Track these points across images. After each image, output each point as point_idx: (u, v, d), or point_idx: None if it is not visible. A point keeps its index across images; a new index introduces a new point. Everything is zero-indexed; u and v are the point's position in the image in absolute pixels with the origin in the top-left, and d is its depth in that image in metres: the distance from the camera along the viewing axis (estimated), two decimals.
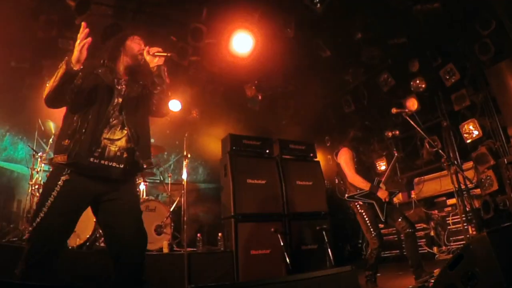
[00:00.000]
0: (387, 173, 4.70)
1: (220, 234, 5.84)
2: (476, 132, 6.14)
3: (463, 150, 6.42)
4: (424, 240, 6.39)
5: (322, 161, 7.01)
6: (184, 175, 5.40)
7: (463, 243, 4.90)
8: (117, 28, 5.55)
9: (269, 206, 5.84)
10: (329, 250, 5.28)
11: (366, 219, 4.34)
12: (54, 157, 2.45)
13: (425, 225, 6.48)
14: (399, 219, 4.32)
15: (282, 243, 5.11)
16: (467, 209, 5.44)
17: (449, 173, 5.12)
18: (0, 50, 5.80)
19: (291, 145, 6.64)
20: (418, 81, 6.87)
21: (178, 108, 7.16)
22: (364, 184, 4.42)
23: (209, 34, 5.92)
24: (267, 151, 6.36)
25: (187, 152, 5.48)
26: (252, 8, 5.79)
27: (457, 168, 4.68)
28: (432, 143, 5.11)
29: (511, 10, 5.40)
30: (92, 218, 4.36)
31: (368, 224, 4.31)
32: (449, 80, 6.43)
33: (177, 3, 5.73)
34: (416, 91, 6.91)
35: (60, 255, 2.38)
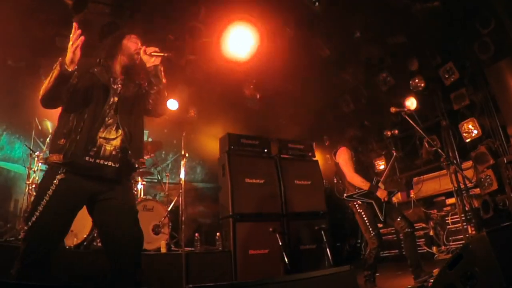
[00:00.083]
0: (386, 173, 4.69)
1: (218, 234, 5.83)
2: (475, 131, 6.14)
3: (463, 150, 6.42)
4: (423, 239, 6.38)
5: (320, 160, 6.99)
6: (182, 175, 5.39)
7: (463, 243, 4.90)
8: (114, 27, 5.54)
9: (268, 205, 5.82)
10: (328, 250, 5.28)
11: (365, 218, 4.34)
12: (50, 157, 2.44)
13: (424, 225, 6.46)
14: (398, 219, 4.31)
15: (280, 243, 5.09)
16: (466, 209, 5.44)
17: (448, 172, 5.13)
18: None
19: (290, 144, 6.62)
20: (417, 80, 6.87)
21: (175, 107, 7.14)
22: (363, 183, 4.41)
23: (206, 33, 5.90)
24: (265, 150, 6.33)
25: (185, 152, 5.46)
26: (251, 7, 5.77)
27: (457, 168, 4.67)
28: (431, 142, 5.09)
29: (511, 8, 5.39)
30: (90, 217, 4.34)
31: (367, 224, 4.31)
32: (449, 79, 6.44)
33: (174, 2, 5.70)
34: (415, 90, 6.90)
35: (56, 254, 2.37)
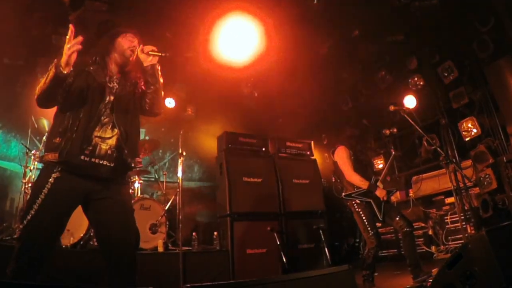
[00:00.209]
0: (384, 172, 4.66)
1: (215, 233, 5.82)
2: (474, 130, 6.11)
3: (462, 148, 6.39)
4: (422, 239, 6.34)
5: (318, 159, 6.97)
6: (180, 173, 5.37)
7: (462, 242, 4.87)
8: (111, 25, 5.50)
9: (265, 204, 5.80)
10: (326, 249, 5.28)
11: (363, 218, 4.32)
12: (45, 155, 2.43)
13: (423, 224, 6.43)
14: (396, 218, 4.28)
15: (278, 242, 5.09)
16: (465, 208, 5.41)
17: (447, 171, 5.09)
18: None
19: (288, 143, 6.60)
20: (416, 79, 6.84)
21: (172, 105, 7.12)
22: (362, 182, 4.39)
23: (203, 31, 5.86)
24: (263, 149, 6.32)
25: (183, 150, 5.44)
26: (249, 4, 5.73)
27: (456, 167, 4.64)
28: (430, 141, 5.08)
29: (510, 6, 5.36)
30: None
31: (366, 223, 4.29)
32: (448, 78, 6.41)
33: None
34: (414, 88, 6.88)
35: (52, 253, 2.36)
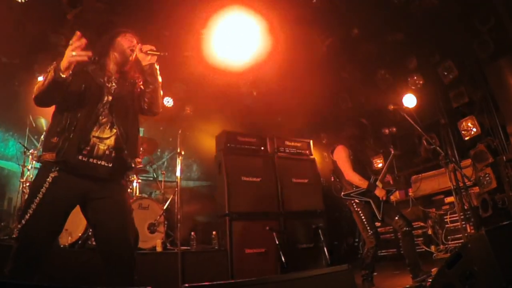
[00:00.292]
0: (383, 171, 4.65)
1: (214, 233, 5.80)
2: (474, 130, 6.10)
3: (462, 148, 6.37)
4: (422, 238, 6.33)
5: (317, 158, 6.93)
6: (178, 173, 5.35)
7: (461, 242, 4.86)
8: (110, 25, 5.50)
9: (264, 204, 5.76)
10: (325, 248, 5.26)
11: (363, 217, 4.30)
12: (43, 155, 2.42)
13: (422, 224, 6.42)
14: (396, 217, 4.26)
15: (277, 242, 5.08)
16: (465, 207, 5.40)
17: (447, 171, 5.09)
18: None
19: (287, 142, 6.55)
20: (416, 78, 6.82)
21: (170, 105, 7.11)
22: (361, 182, 4.38)
23: (203, 30, 5.85)
24: (262, 148, 6.27)
25: (181, 149, 5.42)
26: (248, 4, 5.71)
27: (455, 166, 4.64)
28: (430, 140, 5.07)
29: (510, 6, 5.34)
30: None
31: (365, 223, 4.28)
32: (448, 77, 6.39)
33: None
34: (414, 88, 6.85)
35: (49, 253, 2.36)
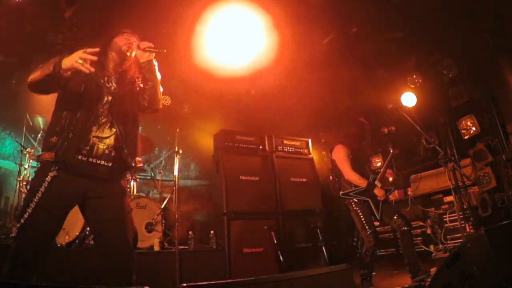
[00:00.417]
0: (382, 170, 4.64)
1: (212, 232, 5.77)
2: (474, 128, 6.07)
3: (461, 147, 6.34)
4: (421, 238, 6.31)
5: (316, 157, 6.92)
6: (176, 172, 5.33)
7: (461, 242, 4.84)
8: (106, 22, 5.48)
9: (262, 203, 5.75)
10: (324, 248, 5.25)
11: (361, 216, 4.31)
12: (42, 154, 2.42)
13: (421, 223, 6.40)
14: (394, 217, 4.25)
15: (275, 241, 5.07)
16: (464, 207, 5.37)
17: (446, 170, 5.06)
18: None
19: (285, 141, 6.55)
20: (415, 76, 6.79)
21: (168, 103, 7.08)
22: (360, 181, 4.38)
23: (201, 28, 5.83)
24: (260, 147, 6.25)
25: (179, 148, 5.40)
26: (247, 2, 5.68)
27: (455, 165, 4.61)
28: (429, 139, 5.06)
29: (510, 4, 5.31)
30: (81, 215, 4.30)
31: (363, 222, 4.28)
32: (447, 76, 6.36)
33: None
34: (413, 86, 6.83)
35: (48, 252, 2.38)
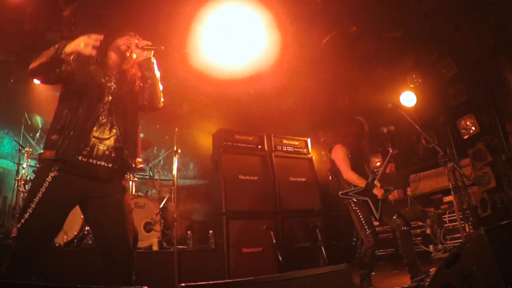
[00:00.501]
0: (382, 170, 4.62)
1: (211, 232, 5.76)
2: (473, 128, 6.06)
3: (460, 147, 6.32)
4: (420, 238, 6.31)
5: (315, 157, 6.91)
6: (175, 171, 5.32)
7: (460, 242, 4.83)
8: (104, 22, 5.47)
9: (261, 203, 5.74)
10: (323, 248, 5.24)
11: (360, 216, 4.29)
12: (43, 152, 2.42)
13: (421, 223, 6.39)
14: (394, 217, 4.23)
15: (274, 241, 5.06)
16: (464, 207, 5.36)
17: (446, 169, 5.04)
18: None
19: (284, 141, 6.55)
20: (414, 76, 6.77)
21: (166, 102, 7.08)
22: (360, 181, 4.36)
23: (199, 27, 5.80)
24: (259, 147, 6.25)
25: (177, 147, 5.39)
26: (246, 1, 5.66)
27: (454, 165, 4.60)
28: (428, 139, 5.04)
29: (510, 3, 5.30)
30: (80, 215, 4.30)
31: (363, 222, 4.26)
32: (447, 75, 6.35)
33: None
34: (412, 85, 6.81)
35: (48, 252, 2.39)
